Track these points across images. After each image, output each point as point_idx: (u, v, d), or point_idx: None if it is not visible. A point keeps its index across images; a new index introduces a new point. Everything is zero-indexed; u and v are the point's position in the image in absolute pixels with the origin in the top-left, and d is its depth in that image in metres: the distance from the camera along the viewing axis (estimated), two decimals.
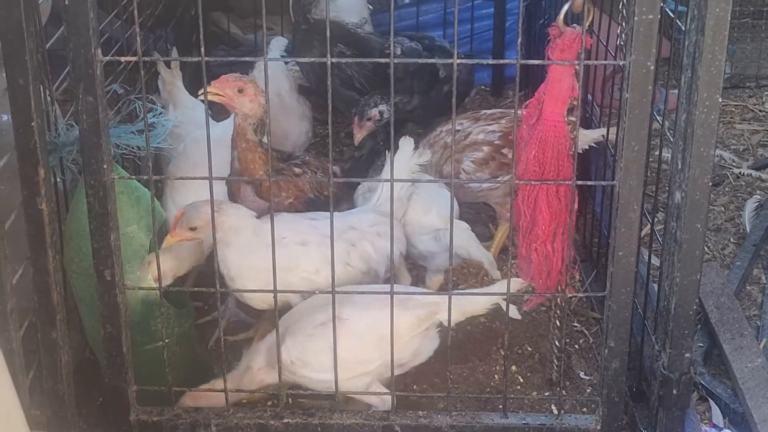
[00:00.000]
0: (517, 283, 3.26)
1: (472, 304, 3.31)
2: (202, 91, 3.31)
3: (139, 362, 3.14)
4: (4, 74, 2.78)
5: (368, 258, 3.62)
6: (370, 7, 6.71)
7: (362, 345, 3.21)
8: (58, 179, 3.34)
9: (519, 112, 3.08)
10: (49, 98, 3.24)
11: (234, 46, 6.91)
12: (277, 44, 5.28)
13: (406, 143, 3.83)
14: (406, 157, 3.80)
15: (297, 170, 3.84)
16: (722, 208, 5.09)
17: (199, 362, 3.47)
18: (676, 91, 2.87)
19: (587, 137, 4.17)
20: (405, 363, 3.34)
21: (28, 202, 2.85)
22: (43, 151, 2.83)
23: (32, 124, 2.78)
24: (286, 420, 3.16)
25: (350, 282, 3.55)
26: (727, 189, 5.29)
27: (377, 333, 3.17)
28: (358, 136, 4.08)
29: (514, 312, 3.27)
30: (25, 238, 2.90)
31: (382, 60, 2.88)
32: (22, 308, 2.91)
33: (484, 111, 4.62)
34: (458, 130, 4.36)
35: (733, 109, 6.33)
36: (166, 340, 3.13)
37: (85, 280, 3.13)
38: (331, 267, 2.98)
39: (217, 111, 4.08)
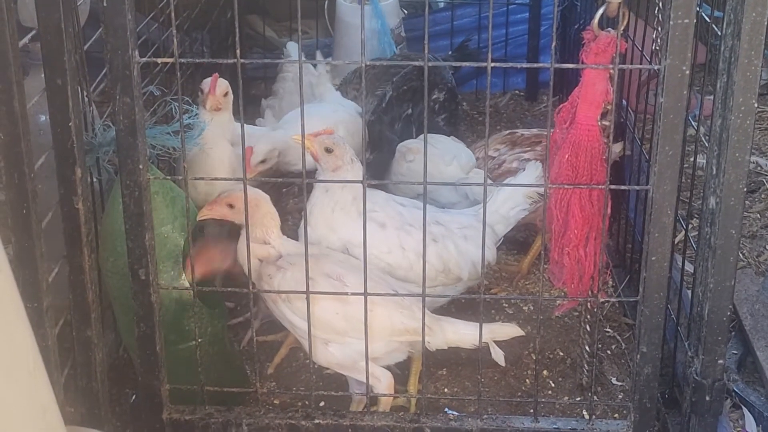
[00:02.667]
0: (507, 327, 3.35)
1: (459, 335, 3.30)
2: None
3: (172, 361, 3.16)
4: (43, 75, 2.81)
5: (447, 258, 3.60)
6: (404, 11, 6.74)
7: (340, 316, 3.18)
8: (95, 179, 3.38)
9: (552, 118, 3.07)
10: (86, 99, 3.28)
11: (269, 49, 6.94)
12: (293, 48, 5.32)
13: (534, 167, 3.83)
14: (530, 179, 3.79)
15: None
16: (758, 215, 5.05)
17: (231, 362, 3.49)
18: (711, 97, 2.86)
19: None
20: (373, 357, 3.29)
21: (64, 201, 2.88)
22: (80, 151, 2.86)
23: (70, 124, 2.81)
24: (317, 421, 3.16)
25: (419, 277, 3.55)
26: (763, 196, 5.25)
27: (357, 314, 3.13)
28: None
29: (499, 358, 3.32)
30: (62, 236, 2.94)
31: (416, 63, 2.88)
32: (58, 306, 2.94)
33: (522, 132, 4.59)
34: (493, 156, 4.37)
35: None
36: (199, 340, 3.16)
37: (119, 279, 3.17)
38: (364, 271, 2.99)
39: None
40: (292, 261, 3.27)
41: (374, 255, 3.36)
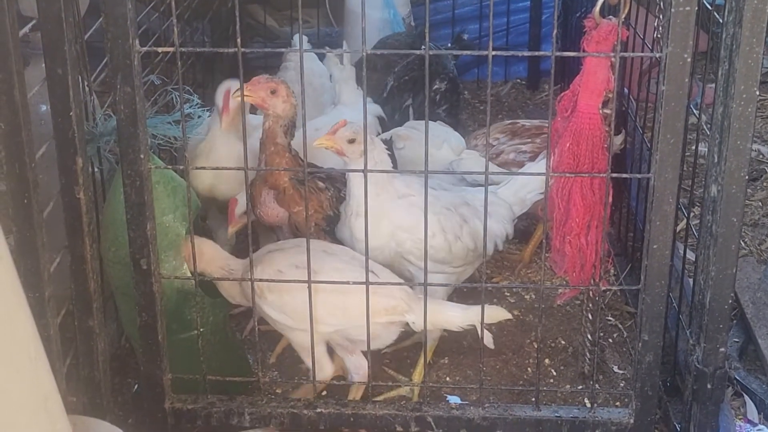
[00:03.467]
0: (495, 310, 3.33)
1: (445, 317, 3.29)
2: (236, 91, 3.33)
3: (174, 351, 3.17)
4: (43, 65, 2.81)
5: (476, 236, 3.63)
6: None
7: (317, 302, 3.14)
8: (96, 169, 3.38)
9: (553, 107, 3.07)
10: (87, 89, 3.28)
11: (270, 38, 6.94)
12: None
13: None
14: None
15: (321, 184, 3.75)
16: (760, 203, 5.04)
17: (233, 351, 3.49)
18: (713, 85, 2.85)
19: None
20: (356, 340, 3.29)
21: (66, 191, 2.88)
22: (81, 140, 2.86)
23: (71, 114, 2.81)
24: (319, 410, 3.17)
25: (458, 255, 3.60)
26: (765, 184, 5.24)
27: (339, 300, 3.17)
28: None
29: (489, 340, 3.30)
30: (63, 226, 2.94)
31: (418, 52, 2.88)
32: (60, 296, 2.95)
33: (523, 123, 4.57)
34: (492, 145, 4.36)
35: None
36: (201, 329, 3.16)
37: (121, 268, 3.17)
38: (365, 261, 3.00)
39: None
40: (260, 258, 3.28)
41: (419, 239, 3.35)
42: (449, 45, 6.20)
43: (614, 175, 2.90)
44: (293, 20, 6.82)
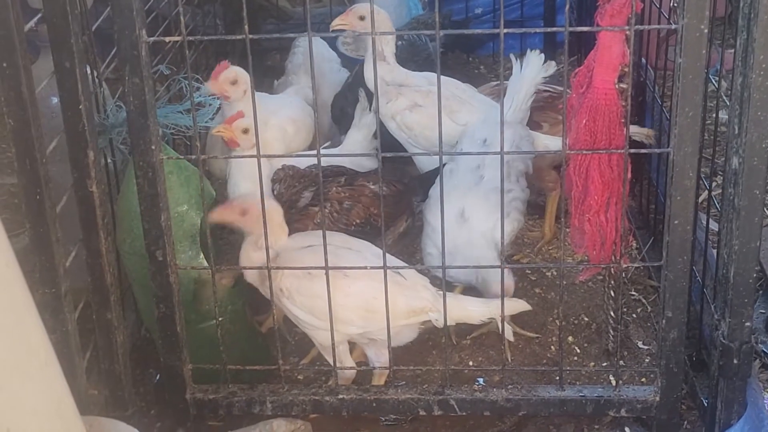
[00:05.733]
0: (514, 303, 3.34)
1: (465, 311, 3.28)
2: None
3: (194, 341, 3.16)
4: (51, 57, 2.78)
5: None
6: None
7: (347, 306, 3.17)
8: (109, 160, 3.36)
9: (568, 82, 3.01)
10: (97, 80, 3.26)
11: (283, 19, 6.89)
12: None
13: (535, 56, 3.98)
14: (535, 68, 3.94)
15: (313, 209, 3.65)
16: None
17: (253, 340, 3.48)
18: (732, 50, 2.79)
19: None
20: (378, 339, 3.27)
21: (78, 184, 2.86)
22: (92, 133, 2.83)
23: (80, 107, 2.78)
24: (341, 396, 3.15)
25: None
26: None
27: (366, 302, 3.16)
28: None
29: (509, 333, 3.33)
30: (77, 220, 2.92)
31: (427, 33, 2.83)
32: (77, 289, 2.94)
33: (507, 83, 4.49)
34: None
35: None
36: (220, 319, 3.14)
37: (137, 260, 3.15)
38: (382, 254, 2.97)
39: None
40: (287, 258, 3.24)
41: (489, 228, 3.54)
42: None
43: (632, 151, 2.85)
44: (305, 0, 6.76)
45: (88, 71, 2.92)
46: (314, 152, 2.90)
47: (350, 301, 3.16)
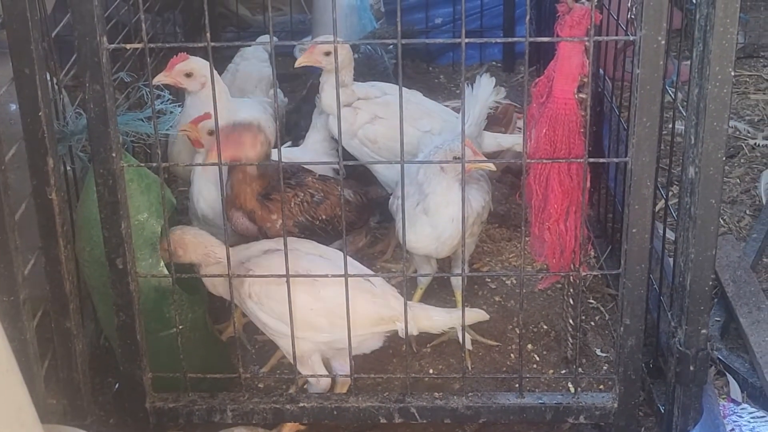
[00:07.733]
0: (474, 312, 3.35)
1: (431, 320, 3.30)
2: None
3: (154, 349, 3.14)
4: (11, 64, 2.76)
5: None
6: None
7: (319, 311, 3.17)
8: (68, 168, 3.34)
9: (528, 93, 3.05)
10: (56, 87, 3.24)
11: (243, 27, 6.88)
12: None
13: (486, 80, 4.02)
14: (486, 92, 3.97)
15: (290, 191, 3.67)
16: (738, 180, 5.05)
17: (213, 348, 3.47)
18: (688, 62, 2.83)
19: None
20: (342, 348, 3.22)
21: (38, 192, 2.84)
22: (52, 140, 2.82)
23: (39, 114, 2.77)
24: (302, 404, 3.15)
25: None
26: (742, 160, 5.25)
27: (338, 306, 3.09)
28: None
29: (468, 342, 3.37)
30: (37, 228, 2.90)
31: (389, 41, 2.85)
32: (36, 298, 2.91)
33: None
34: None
35: (747, 79, 6.27)
36: (180, 327, 3.13)
37: (97, 268, 3.13)
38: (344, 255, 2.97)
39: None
40: (257, 262, 3.24)
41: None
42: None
43: (592, 160, 2.88)
44: (265, 8, 6.76)
45: (48, 78, 2.90)
46: (275, 160, 2.90)
47: (321, 306, 3.16)
